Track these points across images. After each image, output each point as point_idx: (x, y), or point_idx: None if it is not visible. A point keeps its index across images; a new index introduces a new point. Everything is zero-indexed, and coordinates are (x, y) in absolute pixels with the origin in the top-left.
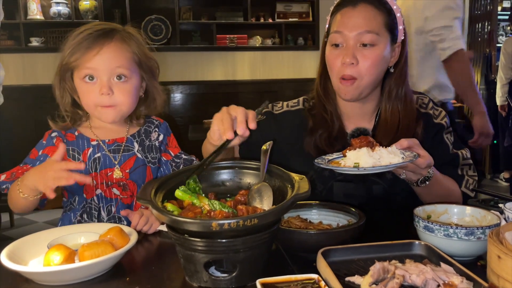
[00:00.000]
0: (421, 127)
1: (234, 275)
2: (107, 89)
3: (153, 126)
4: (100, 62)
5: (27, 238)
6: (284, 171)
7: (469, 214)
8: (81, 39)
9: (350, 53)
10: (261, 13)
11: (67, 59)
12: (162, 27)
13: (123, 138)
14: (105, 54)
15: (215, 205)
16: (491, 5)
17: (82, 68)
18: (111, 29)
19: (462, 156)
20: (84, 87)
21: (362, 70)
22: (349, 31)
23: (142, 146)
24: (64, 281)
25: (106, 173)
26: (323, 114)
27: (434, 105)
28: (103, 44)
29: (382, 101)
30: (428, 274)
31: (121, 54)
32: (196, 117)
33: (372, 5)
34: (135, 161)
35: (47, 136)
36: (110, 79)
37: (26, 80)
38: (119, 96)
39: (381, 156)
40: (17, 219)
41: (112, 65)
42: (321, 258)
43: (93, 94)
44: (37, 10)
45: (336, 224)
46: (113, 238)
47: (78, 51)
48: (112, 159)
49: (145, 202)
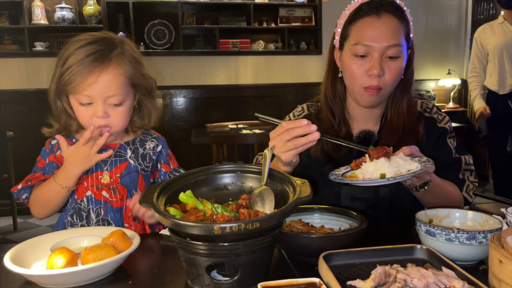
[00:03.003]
0: (423, 126)
1: (236, 278)
2: (103, 114)
3: (149, 137)
4: (96, 91)
5: (30, 242)
6: (285, 175)
7: (471, 219)
8: (78, 63)
9: (378, 65)
10: (264, 17)
11: (63, 84)
12: (166, 32)
13: (116, 144)
14: (101, 83)
15: (217, 209)
16: (493, 10)
17: (78, 94)
18: (108, 50)
19: (465, 161)
20: (80, 109)
21: (387, 81)
22: (376, 43)
23: (136, 154)
24: (67, 284)
25: (97, 176)
26: (330, 118)
27: (438, 110)
28: (100, 72)
29: (388, 105)
30: (429, 278)
31: (117, 82)
32: (199, 121)
33: (394, 16)
34: (127, 167)
35: (48, 144)
36: (105, 104)
37: (30, 84)
38: (114, 118)
39: (398, 164)
40: (20, 223)
41: (108, 93)
42: (322, 262)
43: (88, 116)
44: (42, 15)
45: (338, 228)
46: (116, 241)
47: (74, 78)
48: (101, 164)
49: (147, 205)
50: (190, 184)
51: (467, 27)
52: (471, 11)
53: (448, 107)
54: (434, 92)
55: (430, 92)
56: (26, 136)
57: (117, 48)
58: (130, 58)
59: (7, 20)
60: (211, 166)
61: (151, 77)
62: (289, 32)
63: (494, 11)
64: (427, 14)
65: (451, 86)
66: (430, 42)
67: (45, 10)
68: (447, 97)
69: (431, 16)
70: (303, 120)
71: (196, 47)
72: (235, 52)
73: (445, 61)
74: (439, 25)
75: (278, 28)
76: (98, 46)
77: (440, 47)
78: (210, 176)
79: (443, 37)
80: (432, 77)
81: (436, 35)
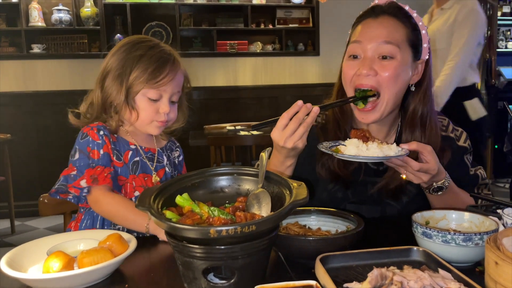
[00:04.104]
0: (448, 157)
1: (232, 281)
2: (168, 109)
3: (174, 146)
4: (171, 87)
5: (26, 245)
6: (282, 177)
7: (468, 220)
8: (159, 61)
9: (367, 63)
10: (262, 19)
11: (140, 81)
12: (163, 34)
13: (155, 149)
14: (176, 80)
15: (214, 212)
16: (491, 10)
17: (154, 90)
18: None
19: (481, 176)
20: (148, 105)
21: (381, 81)
22: (368, 41)
23: (170, 161)
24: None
25: (144, 178)
26: (337, 132)
27: (454, 127)
28: (176, 69)
29: (404, 124)
30: (426, 280)
31: (181, 79)
32: (196, 123)
33: (394, 17)
34: (165, 173)
35: (94, 133)
36: (169, 100)
37: (27, 86)
38: (172, 114)
39: (369, 149)
40: (18, 226)
41: (175, 90)
42: (319, 265)
43: (154, 111)
44: (39, 17)
45: (335, 230)
46: (112, 245)
47: (153, 75)
48: (149, 166)
49: (143, 209)
50: (186, 187)
51: None
52: None
53: None
54: None
55: None
56: (23, 138)
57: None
58: (180, 58)
59: (4, 22)
60: (207, 169)
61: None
62: (287, 33)
63: (491, 11)
64: (426, 14)
65: None
66: None
67: (42, 12)
68: None
69: None
70: (298, 101)
71: (193, 48)
72: (233, 53)
73: None
74: None
75: (276, 30)
76: (163, 47)
77: None
78: (207, 179)
79: None
80: None
81: None
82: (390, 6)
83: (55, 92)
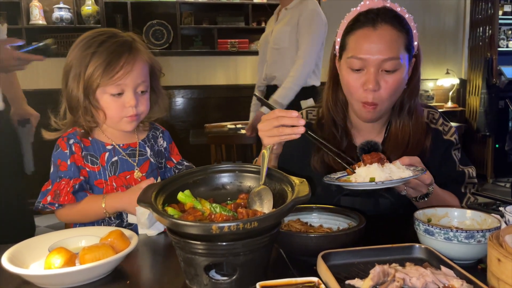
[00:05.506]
0: (430, 141)
1: (234, 278)
2: (136, 101)
3: (158, 132)
4: (130, 79)
5: (28, 242)
6: (284, 174)
7: (470, 218)
8: (110, 55)
9: (373, 79)
10: (262, 17)
11: (95, 79)
12: (164, 32)
13: (136, 142)
14: (135, 71)
15: (216, 209)
16: (492, 9)
17: (111, 86)
18: (128, 40)
19: (468, 174)
20: (112, 101)
21: (383, 96)
22: (371, 56)
23: (153, 151)
24: (65, 284)
25: (125, 176)
26: (333, 129)
27: (444, 121)
28: (134, 60)
29: (392, 115)
30: (428, 277)
31: (143, 68)
32: (197, 121)
33: (392, 26)
34: (150, 165)
35: (64, 144)
36: (135, 92)
37: (28, 85)
38: (141, 107)
39: (391, 171)
40: None
41: (138, 80)
42: (321, 261)
43: (120, 107)
44: (40, 15)
45: (337, 227)
46: (114, 241)
47: (111, 70)
48: (131, 162)
49: (145, 205)
50: (188, 184)
51: (465, 27)
52: (469, 11)
53: (446, 106)
54: (432, 92)
55: (429, 91)
56: None
57: (133, 38)
58: (144, 46)
59: (5, 21)
60: (209, 166)
61: (158, 61)
62: None
63: (492, 10)
64: (426, 14)
65: (449, 85)
66: (429, 42)
67: (43, 11)
68: (446, 97)
69: (429, 16)
70: (294, 111)
71: (194, 47)
72: (234, 52)
73: (443, 61)
74: (437, 25)
75: None
76: (120, 38)
77: (439, 47)
78: (209, 175)
79: (442, 37)
80: (430, 76)
81: (435, 35)
82: (387, 15)
83: (56, 90)
